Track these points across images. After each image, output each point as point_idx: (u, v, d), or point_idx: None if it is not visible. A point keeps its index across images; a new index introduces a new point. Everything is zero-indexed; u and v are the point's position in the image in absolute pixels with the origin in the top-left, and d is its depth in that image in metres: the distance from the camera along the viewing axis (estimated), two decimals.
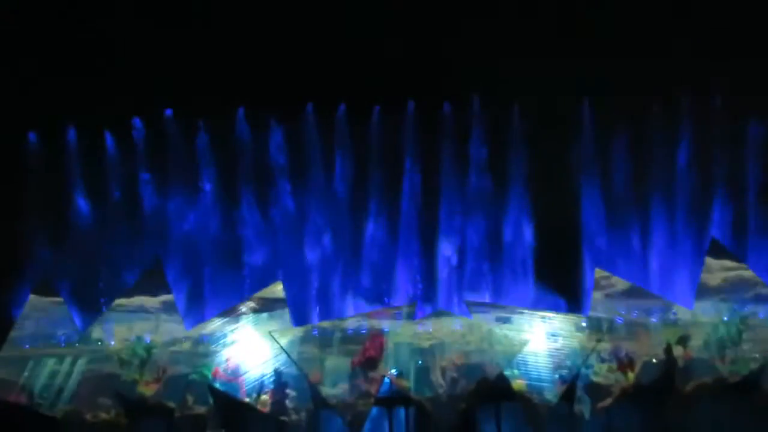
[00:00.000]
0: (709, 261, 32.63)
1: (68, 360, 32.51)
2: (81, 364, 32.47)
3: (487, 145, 35.67)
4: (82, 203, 35.09)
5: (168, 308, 32.92)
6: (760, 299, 32.16)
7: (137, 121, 35.49)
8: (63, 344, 32.83)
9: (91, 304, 33.45)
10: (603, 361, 31.72)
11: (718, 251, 32.84)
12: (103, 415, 31.40)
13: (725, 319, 31.76)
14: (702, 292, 32.43)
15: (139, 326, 32.68)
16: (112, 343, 32.64)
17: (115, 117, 35.04)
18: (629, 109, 34.22)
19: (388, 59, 35.95)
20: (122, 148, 35.53)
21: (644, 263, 34.69)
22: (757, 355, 31.51)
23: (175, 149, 35.53)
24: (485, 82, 35.12)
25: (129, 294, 33.15)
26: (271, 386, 31.88)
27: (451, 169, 35.56)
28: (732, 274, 32.53)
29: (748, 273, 32.58)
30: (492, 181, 35.52)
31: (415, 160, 35.77)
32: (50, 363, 32.50)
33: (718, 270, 32.57)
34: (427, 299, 34.27)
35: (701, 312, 32.24)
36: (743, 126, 34.61)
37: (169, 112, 35.41)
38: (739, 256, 33.00)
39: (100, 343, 32.79)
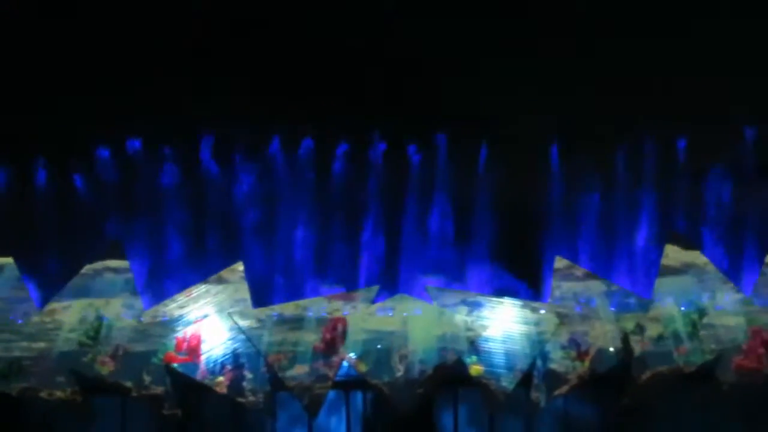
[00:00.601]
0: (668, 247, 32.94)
1: (25, 336, 32.31)
2: (37, 341, 32.30)
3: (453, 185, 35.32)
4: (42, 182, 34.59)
5: (127, 285, 32.80)
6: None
7: (104, 153, 34.78)
8: (20, 321, 32.60)
9: (49, 281, 33.17)
10: (562, 348, 31.91)
11: (675, 239, 33.14)
12: (59, 393, 31.22)
13: (682, 309, 32.03)
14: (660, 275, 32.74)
15: (97, 303, 32.52)
16: (69, 319, 32.45)
17: (81, 147, 34.23)
18: (599, 153, 34.21)
19: (354, 95, 35.40)
20: (90, 184, 34.86)
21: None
22: (713, 346, 31.82)
23: (142, 184, 34.84)
24: (453, 119, 34.85)
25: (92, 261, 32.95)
26: (229, 367, 31.83)
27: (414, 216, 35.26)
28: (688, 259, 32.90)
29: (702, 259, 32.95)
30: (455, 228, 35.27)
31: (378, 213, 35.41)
32: (5, 340, 32.29)
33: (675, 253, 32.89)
34: (388, 283, 34.24)
35: (659, 302, 32.48)
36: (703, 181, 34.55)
37: (137, 143, 34.81)
38: None
39: (56, 320, 32.59)
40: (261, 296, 33.83)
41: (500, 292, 33.29)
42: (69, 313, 32.63)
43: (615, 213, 34.49)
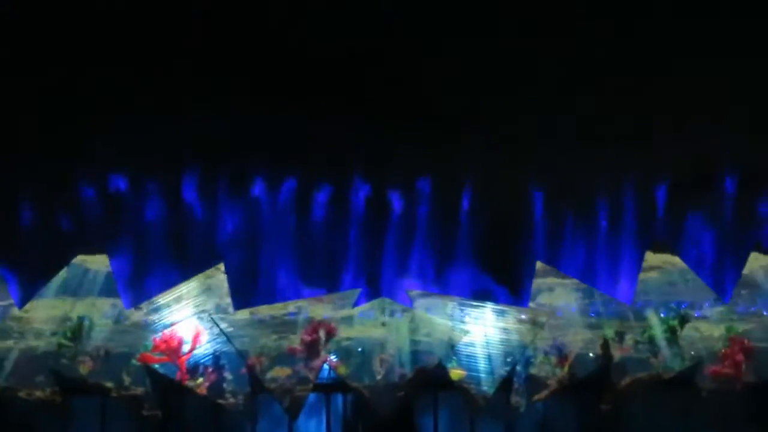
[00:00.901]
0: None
1: (3, 335, 32.19)
2: (16, 340, 32.18)
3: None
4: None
5: (108, 285, 32.65)
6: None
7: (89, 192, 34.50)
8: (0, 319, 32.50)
9: (30, 280, 32.98)
10: (542, 353, 32.09)
11: (657, 246, 33.32)
12: (38, 393, 31.08)
13: (662, 315, 32.22)
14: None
15: (78, 302, 32.42)
16: (49, 319, 32.34)
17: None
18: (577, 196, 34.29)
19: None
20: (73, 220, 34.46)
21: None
22: (693, 353, 32.04)
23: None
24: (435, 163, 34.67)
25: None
26: (209, 369, 31.80)
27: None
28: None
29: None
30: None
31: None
32: None
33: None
34: (369, 286, 34.25)
35: (639, 309, 32.68)
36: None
37: (122, 184, 34.49)
38: None
39: (36, 319, 32.47)
40: (242, 298, 33.79)
41: (481, 296, 33.35)
42: (49, 313, 32.50)
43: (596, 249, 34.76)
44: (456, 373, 31.55)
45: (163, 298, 32.56)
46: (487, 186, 33.57)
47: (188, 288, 32.64)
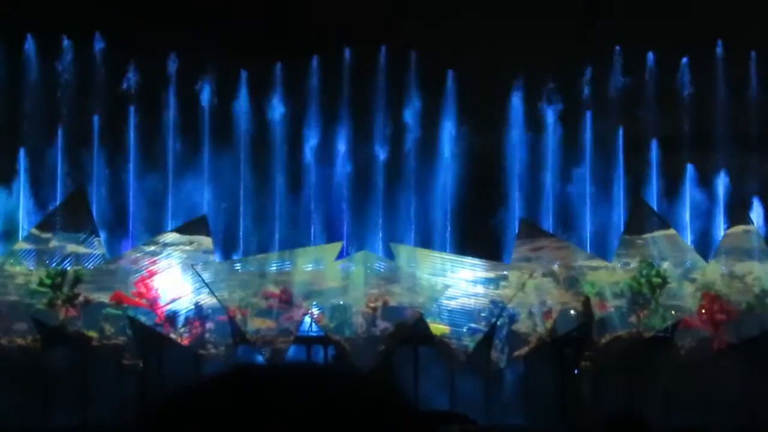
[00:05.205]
0: None
1: None
2: None
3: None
4: None
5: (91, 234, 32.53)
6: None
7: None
8: None
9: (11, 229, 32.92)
10: (524, 309, 31.94)
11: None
12: (19, 341, 31.00)
13: (643, 273, 32.07)
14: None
15: (61, 251, 32.21)
16: (32, 268, 32.12)
17: None
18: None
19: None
20: None
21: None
22: (673, 312, 32.04)
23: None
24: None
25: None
26: (192, 319, 31.65)
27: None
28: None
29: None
30: None
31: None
32: None
33: None
34: (352, 240, 34.30)
35: (620, 266, 32.68)
36: None
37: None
38: None
39: (18, 267, 32.24)
40: (225, 249, 33.87)
41: (464, 252, 33.42)
42: (32, 261, 32.32)
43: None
44: (437, 327, 31.53)
45: (146, 247, 32.45)
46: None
47: (172, 237, 32.52)
